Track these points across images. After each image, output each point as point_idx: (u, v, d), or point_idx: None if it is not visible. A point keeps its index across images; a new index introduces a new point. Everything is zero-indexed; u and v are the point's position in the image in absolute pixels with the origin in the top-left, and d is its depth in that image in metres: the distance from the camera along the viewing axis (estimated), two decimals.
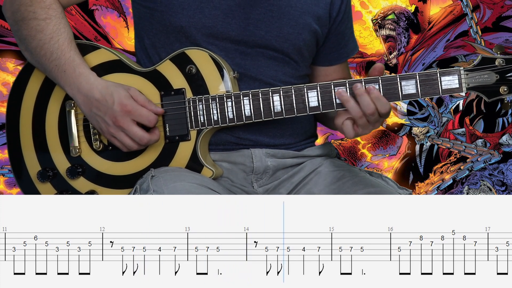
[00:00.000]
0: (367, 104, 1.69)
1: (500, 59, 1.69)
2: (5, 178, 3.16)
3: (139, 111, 1.74)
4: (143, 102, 1.75)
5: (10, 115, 1.91)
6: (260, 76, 1.84)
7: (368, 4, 3.23)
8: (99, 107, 1.75)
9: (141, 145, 1.77)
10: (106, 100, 1.74)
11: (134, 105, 1.74)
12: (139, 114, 1.74)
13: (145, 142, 1.75)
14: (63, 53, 1.78)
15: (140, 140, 1.74)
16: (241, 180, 1.85)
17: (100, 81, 1.77)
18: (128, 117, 1.73)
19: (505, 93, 1.70)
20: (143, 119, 1.74)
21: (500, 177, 3.26)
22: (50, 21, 1.79)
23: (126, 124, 1.73)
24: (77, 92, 1.77)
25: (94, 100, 1.75)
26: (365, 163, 3.29)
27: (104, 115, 1.75)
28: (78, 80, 1.76)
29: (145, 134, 1.74)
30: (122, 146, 1.77)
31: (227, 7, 1.81)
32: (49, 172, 1.85)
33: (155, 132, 1.77)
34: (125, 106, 1.73)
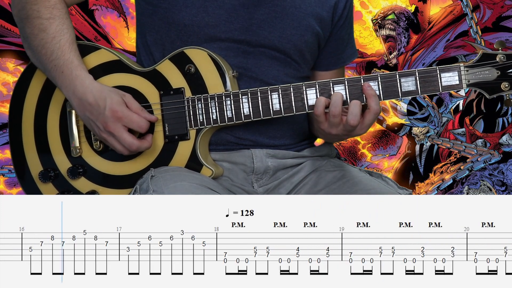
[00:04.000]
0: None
1: (501, 55, 1.67)
2: (5, 178, 3.16)
3: (129, 117, 1.73)
4: (136, 109, 1.75)
5: (12, 116, 1.91)
6: (261, 76, 1.84)
7: (368, 4, 3.23)
8: (92, 111, 1.74)
9: (131, 152, 1.76)
10: (99, 105, 1.74)
11: (125, 111, 1.73)
12: (130, 120, 1.73)
13: (135, 149, 1.75)
14: (63, 53, 1.78)
15: (129, 146, 1.74)
16: (241, 180, 1.85)
17: (95, 84, 1.77)
18: (118, 123, 1.73)
19: (506, 89, 1.68)
20: (134, 125, 1.74)
21: (500, 177, 3.26)
22: (54, 21, 1.79)
23: (116, 130, 1.73)
24: (72, 95, 1.77)
25: (87, 104, 1.75)
26: (365, 163, 3.29)
27: (95, 120, 1.75)
28: (74, 82, 1.76)
29: (134, 141, 1.74)
30: (116, 150, 1.77)
31: (231, 6, 1.81)
32: (51, 172, 1.85)
33: (147, 139, 1.77)
34: (116, 112, 1.72)
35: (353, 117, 1.68)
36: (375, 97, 1.70)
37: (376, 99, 1.70)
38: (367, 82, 1.71)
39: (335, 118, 1.70)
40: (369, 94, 1.70)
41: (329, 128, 1.73)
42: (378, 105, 1.70)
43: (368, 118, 1.70)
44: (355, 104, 1.69)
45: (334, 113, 1.70)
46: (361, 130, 1.72)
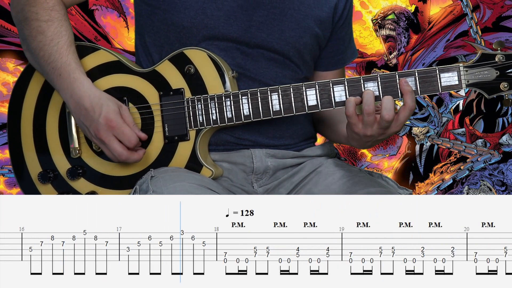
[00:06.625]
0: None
1: (500, 55, 1.67)
2: (5, 178, 3.16)
3: (122, 128, 1.73)
4: (129, 123, 1.75)
5: (11, 116, 1.91)
6: (260, 77, 1.84)
7: (368, 4, 3.23)
8: (86, 116, 1.74)
9: (119, 162, 1.76)
10: (94, 111, 1.73)
11: (119, 122, 1.73)
12: (122, 132, 1.73)
13: (123, 159, 1.74)
14: (61, 56, 1.77)
15: (119, 156, 1.74)
16: (241, 180, 1.85)
17: (93, 90, 1.76)
18: (110, 132, 1.72)
19: (506, 90, 1.68)
20: (124, 138, 1.73)
21: (500, 177, 3.26)
22: (52, 23, 1.79)
23: (107, 139, 1.73)
24: (70, 97, 1.77)
25: (83, 108, 1.75)
26: (365, 163, 3.29)
27: (88, 126, 1.74)
28: (72, 85, 1.76)
29: (124, 152, 1.73)
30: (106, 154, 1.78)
31: (229, 8, 1.81)
32: (50, 173, 1.85)
33: (138, 153, 1.76)
34: (110, 121, 1.72)
35: (387, 111, 1.66)
36: (411, 93, 1.68)
37: (412, 96, 1.68)
38: (403, 78, 1.69)
39: (369, 116, 1.67)
40: (405, 90, 1.68)
41: (364, 129, 1.69)
42: (414, 101, 1.68)
43: (403, 114, 1.68)
44: (388, 99, 1.68)
45: (368, 111, 1.67)
46: (396, 127, 1.70)
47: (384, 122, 1.67)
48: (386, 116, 1.66)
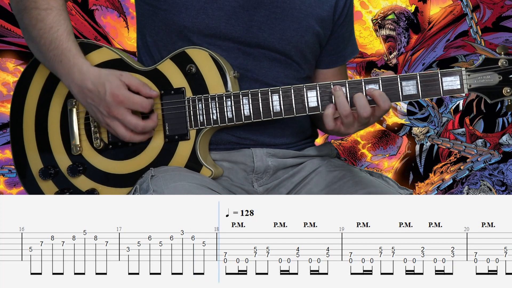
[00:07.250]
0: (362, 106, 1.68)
1: (503, 60, 1.66)
2: (5, 178, 3.16)
3: (131, 99, 1.73)
4: (137, 87, 1.74)
5: (13, 114, 1.92)
6: (261, 77, 1.84)
7: (368, 4, 3.23)
8: (93, 97, 1.75)
9: (137, 134, 1.76)
10: (99, 91, 1.74)
11: (126, 94, 1.73)
12: (132, 102, 1.73)
13: (140, 130, 1.74)
14: (61, 43, 1.78)
15: (135, 127, 1.73)
16: (241, 179, 1.85)
17: (92, 70, 1.77)
18: (121, 107, 1.73)
19: (508, 95, 1.66)
20: (137, 107, 1.73)
21: (500, 177, 3.26)
22: (51, 12, 1.80)
23: (120, 114, 1.73)
24: (72, 82, 1.77)
25: (87, 90, 1.75)
26: (365, 163, 3.29)
27: (98, 105, 1.74)
28: (72, 70, 1.77)
29: (139, 121, 1.74)
30: (119, 136, 1.77)
31: (230, 8, 1.81)
32: (51, 170, 1.86)
33: (152, 118, 1.77)
34: (117, 96, 1.72)
35: (363, 109, 1.68)
36: (380, 96, 1.68)
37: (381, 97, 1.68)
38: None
39: (347, 118, 1.70)
40: (371, 95, 1.69)
41: (346, 129, 1.73)
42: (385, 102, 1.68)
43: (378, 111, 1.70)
44: (359, 97, 1.69)
45: (345, 114, 1.69)
46: (377, 118, 1.72)
47: (363, 119, 1.70)
48: (364, 114, 1.68)
